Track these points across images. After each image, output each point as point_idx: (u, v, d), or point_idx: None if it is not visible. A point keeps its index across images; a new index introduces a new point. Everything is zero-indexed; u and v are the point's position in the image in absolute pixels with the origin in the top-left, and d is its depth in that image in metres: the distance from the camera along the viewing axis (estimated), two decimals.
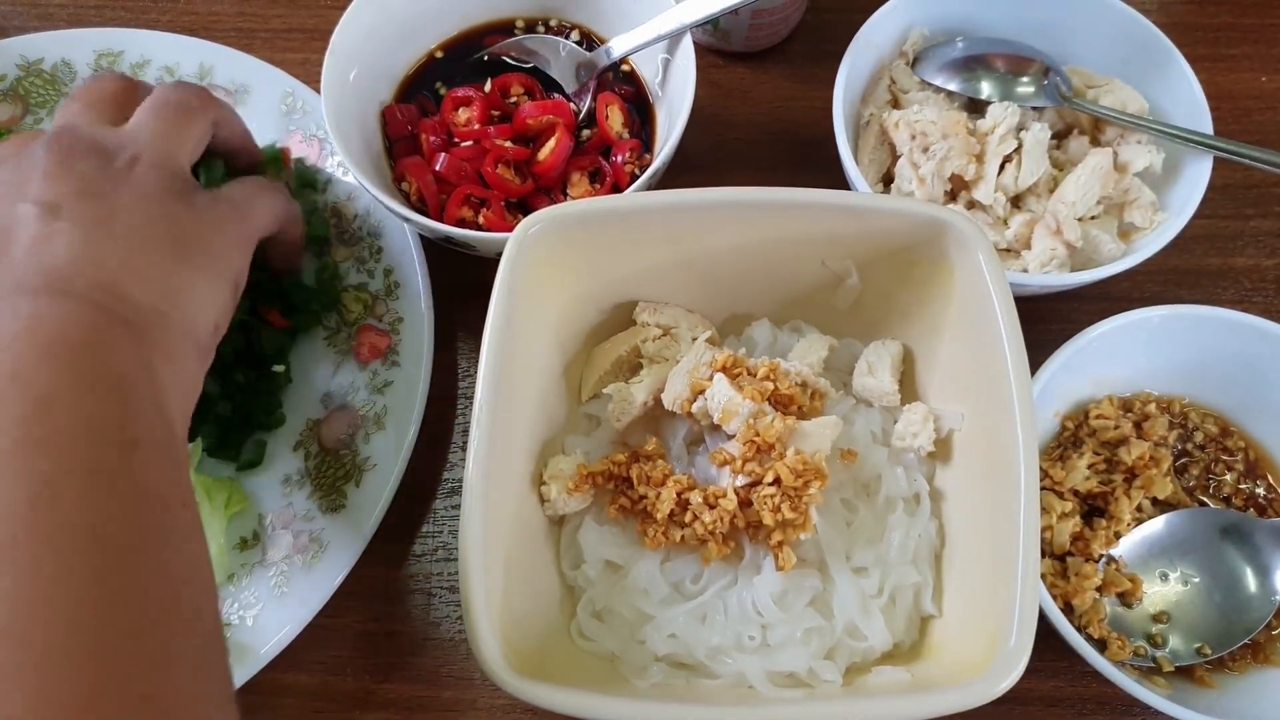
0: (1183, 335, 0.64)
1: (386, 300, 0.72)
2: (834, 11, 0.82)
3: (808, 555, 0.55)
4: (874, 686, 0.51)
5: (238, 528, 0.66)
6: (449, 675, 0.65)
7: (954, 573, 0.55)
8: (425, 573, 0.68)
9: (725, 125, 0.82)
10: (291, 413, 0.70)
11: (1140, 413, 0.66)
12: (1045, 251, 0.67)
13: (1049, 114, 0.73)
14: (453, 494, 0.70)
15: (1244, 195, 0.79)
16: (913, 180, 0.69)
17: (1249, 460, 0.66)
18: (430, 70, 0.77)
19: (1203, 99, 0.69)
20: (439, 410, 0.71)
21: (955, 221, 0.54)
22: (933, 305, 0.59)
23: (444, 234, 0.65)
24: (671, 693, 0.51)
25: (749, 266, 0.61)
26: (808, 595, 0.54)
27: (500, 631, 0.47)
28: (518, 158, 0.72)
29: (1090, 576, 0.60)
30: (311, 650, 0.64)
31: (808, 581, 0.54)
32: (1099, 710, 0.63)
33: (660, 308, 0.63)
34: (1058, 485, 0.63)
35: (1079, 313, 0.67)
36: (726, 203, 0.56)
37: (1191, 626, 0.60)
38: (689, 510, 0.53)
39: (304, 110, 0.77)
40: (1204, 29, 0.86)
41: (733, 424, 0.55)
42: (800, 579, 0.54)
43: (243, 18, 0.87)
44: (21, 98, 0.78)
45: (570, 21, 0.79)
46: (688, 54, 0.70)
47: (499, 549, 0.50)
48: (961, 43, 0.75)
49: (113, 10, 0.87)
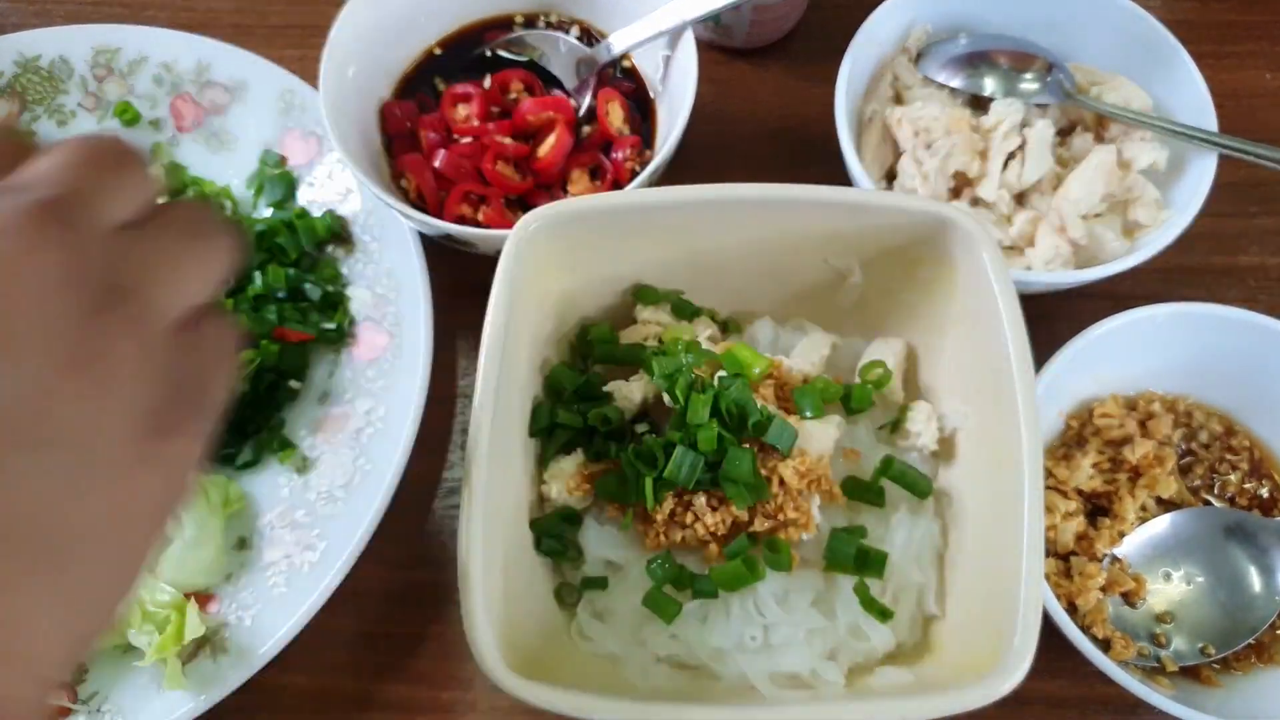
0: (1187, 334, 0.64)
1: (386, 299, 0.71)
2: (836, 8, 0.82)
3: (809, 555, 0.55)
4: (877, 687, 0.51)
5: (236, 528, 0.65)
6: (448, 676, 0.64)
7: (957, 573, 0.55)
8: (424, 573, 0.67)
9: (727, 122, 0.82)
10: (290, 413, 0.70)
11: (1145, 412, 0.66)
12: (1049, 249, 0.66)
13: (1053, 111, 0.73)
14: (452, 494, 0.70)
15: (1249, 193, 0.78)
16: (916, 177, 0.69)
17: (1253, 459, 0.66)
18: (429, 66, 0.77)
19: (1207, 96, 0.69)
20: (438, 410, 0.71)
21: (959, 219, 0.54)
22: (936, 303, 0.59)
23: (444, 231, 0.65)
24: (673, 694, 0.51)
25: (751, 264, 0.60)
26: (810, 596, 0.54)
27: (500, 632, 0.47)
28: (518, 154, 0.71)
29: (1094, 576, 0.59)
30: (310, 651, 0.64)
31: (810, 582, 0.54)
32: (1103, 711, 0.62)
33: (661, 306, 0.62)
34: (1062, 484, 0.63)
35: (1083, 311, 0.66)
36: (728, 200, 0.56)
37: (1195, 626, 0.60)
38: (690, 511, 0.53)
39: (302, 107, 0.77)
40: (1209, 25, 0.85)
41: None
42: (802, 579, 0.54)
43: (240, 14, 0.87)
44: (19, 94, 0.78)
45: (570, 17, 0.78)
46: (689, 50, 0.69)
47: (499, 549, 0.50)
48: (965, 39, 0.75)
49: (110, 6, 0.87)
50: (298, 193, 0.76)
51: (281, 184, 0.75)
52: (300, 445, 0.68)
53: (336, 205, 0.75)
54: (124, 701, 0.60)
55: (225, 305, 0.58)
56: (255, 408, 0.68)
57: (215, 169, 0.78)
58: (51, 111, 0.78)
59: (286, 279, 0.70)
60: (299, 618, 0.61)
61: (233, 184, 0.77)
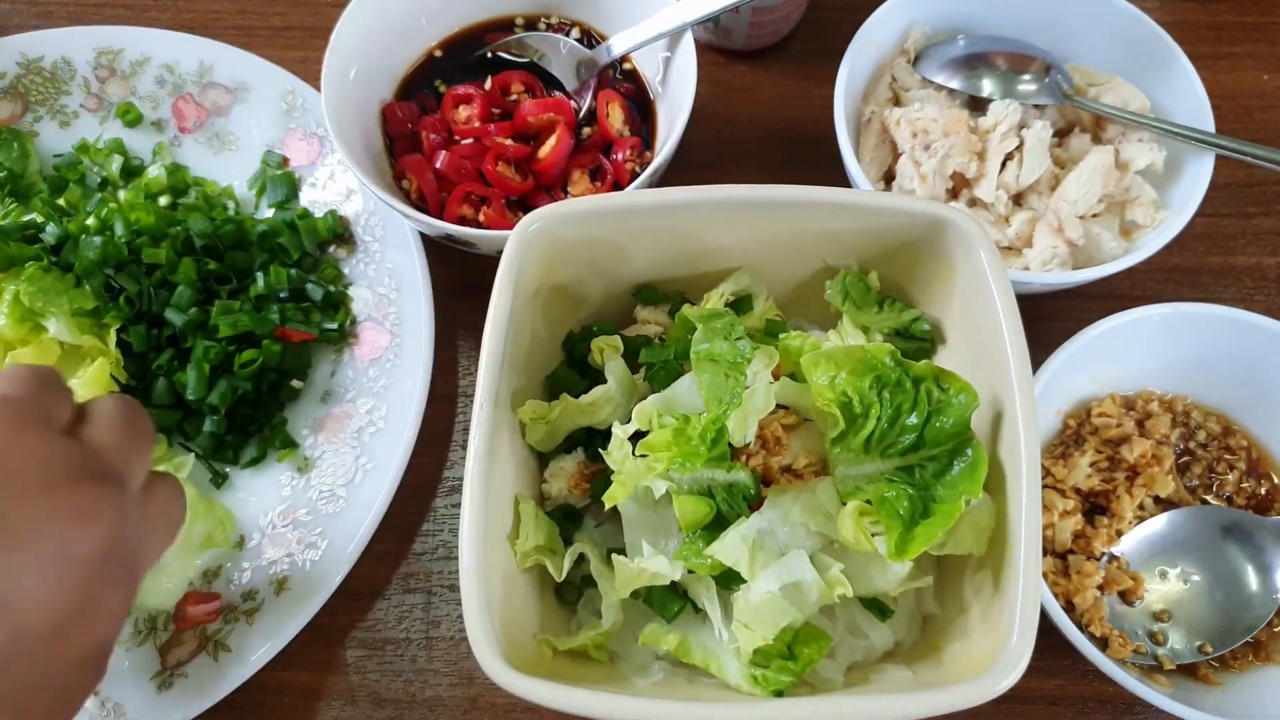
0: (1184, 334, 0.64)
1: (387, 299, 0.72)
2: (835, 9, 0.82)
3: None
4: (875, 685, 0.51)
5: (217, 550, 0.66)
6: (449, 673, 0.65)
7: (956, 571, 0.55)
8: (425, 571, 0.67)
9: (726, 123, 0.82)
10: (293, 412, 0.70)
11: (1142, 411, 0.66)
12: (1047, 249, 0.67)
13: (1050, 112, 0.73)
14: (453, 492, 0.70)
15: (1246, 193, 0.79)
16: (914, 178, 0.69)
17: (1251, 459, 0.66)
18: (430, 68, 0.77)
19: (1204, 97, 0.69)
20: (439, 409, 0.71)
21: (957, 219, 0.54)
22: (934, 303, 0.59)
23: (445, 232, 0.65)
24: (672, 691, 0.51)
25: (750, 264, 0.61)
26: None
27: (500, 630, 0.47)
28: (518, 155, 0.71)
29: (1092, 574, 0.60)
30: (311, 649, 0.64)
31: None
32: (1100, 709, 0.63)
33: (661, 306, 0.63)
34: (1060, 483, 0.63)
35: (1081, 311, 0.67)
36: (728, 201, 0.56)
37: (1193, 624, 0.60)
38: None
39: (304, 108, 0.77)
40: (1206, 27, 0.85)
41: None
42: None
43: (243, 15, 0.87)
44: (21, 95, 0.78)
45: (570, 19, 0.79)
46: (689, 52, 0.69)
47: (499, 548, 0.50)
48: (963, 41, 0.75)
49: (113, 8, 0.87)
50: (300, 193, 0.76)
51: (284, 184, 0.76)
52: (302, 444, 0.69)
53: (338, 206, 0.75)
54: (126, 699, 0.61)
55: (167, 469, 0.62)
56: (258, 407, 0.68)
57: (217, 170, 0.78)
58: (54, 112, 0.79)
59: (289, 279, 0.70)
60: (301, 616, 0.62)
61: (235, 184, 0.77)
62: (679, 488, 0.49)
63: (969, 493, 0.48)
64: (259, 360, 0.67)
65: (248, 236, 0.72)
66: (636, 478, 0.49)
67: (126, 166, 0.77)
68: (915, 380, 0.50)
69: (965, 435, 0.50)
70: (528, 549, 0.53)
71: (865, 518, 0.48)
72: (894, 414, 0.49)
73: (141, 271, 0.67)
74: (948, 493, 0.49)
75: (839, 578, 0.48)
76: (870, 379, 0.49)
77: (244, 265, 0.71)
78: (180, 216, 0.71)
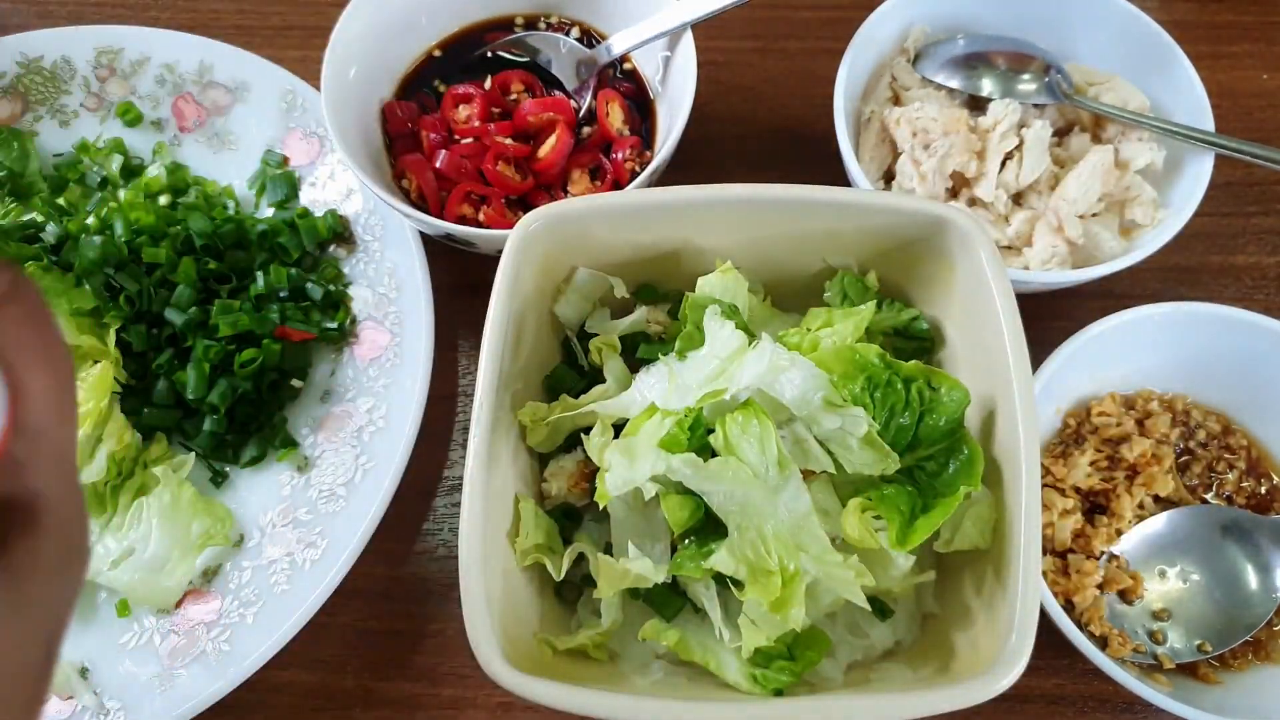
0: (1184, 333, 0.64)
1: (387, 298, 0.72)
2: (836, 9, 0.82)
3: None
4: (875, 684, 0.51)
5: (215, 548, 0.66)
6: (449, 673, 0.65)
7: (956, 570, 0.55)
8: (425, 570, 0.67)
9: (727, 122, 0.82)
10: (293, 411, 0.70)
11: (1142, 410, 0.66)
12: (1046, 249, 0.67)
13: (1050, 111, 0.73)
14: (453, 492, 0.70)
15: (1245, 193, 0.79)
16: (914, 177, 0.69)
17: (1251, 458, 0.66)
18: (430, 67, 0.77)
19: (1204, 96, 0.69)
20: (439, 408, 0.71)
21: (957, 218, 0.54)
22: (934, 302, 0.59)
23: (445, 231, 0.65)
24: (672, 690, 0.51)
25: (750, 264, 0.61)
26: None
27: (500, 628, 0.47)
28: (518, 155, 0.71)
29: (1091, 573, 0.60)
30: (311, 648, 0.64)
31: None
32: (1100, 708, 0.63)
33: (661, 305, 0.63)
34: (1059, 482, 0.63)
35: (1080, 310, 0.67)
36: (728, 200, 0.56)
37: (1192, 623, 0.60)
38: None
39: (304, 108, 0.77)
40: (1205, 26, 0.85)
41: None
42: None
43: (243, 15, 0.87)
44: (21, 95, 0.78)
45: (570, 18, 0.79)
46: (689, 51, 0.69)
47: (499, 546, 0.50)
48: (962, 40, 0.75)
49: (113, 7, 0.87)
50: (300, 193, 0.76)
51: (283, 184, 0.76)
52: (302, 443, 0.69)
53: (338, 205, 0.75)
54: (125, 699, 0.61)
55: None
56: (258, 406, 0.68)
57: (217, 169, 0.78)
58: (54, 112, 0.79)
59: (289, 278, 0.71)
60: (300, 615, 0.62)
61: (235, 184, 0.77)
62: (668, 488, 0.50)
63: (968, 484, 0.48)
64: (259, 360, 0.67)
65: (248, 236, 0.72)
66: (619, 468, 0.49)
67: (126, 166, 0.77)
68: (906, 380, 0.50)
69: (959, 433, 0.50)
70: (527, 547, 0.53)
71: (867, 513, 0.48)
72: (887, 415, 0.50)
73: (141, 271, 0.67)
74: (946, 489, 0.49)
75: (858, 565, 0.48)
76: (861, 381, 0.50)
77: (244, 265, 0.71)
78: (180, 216, 0.71)
